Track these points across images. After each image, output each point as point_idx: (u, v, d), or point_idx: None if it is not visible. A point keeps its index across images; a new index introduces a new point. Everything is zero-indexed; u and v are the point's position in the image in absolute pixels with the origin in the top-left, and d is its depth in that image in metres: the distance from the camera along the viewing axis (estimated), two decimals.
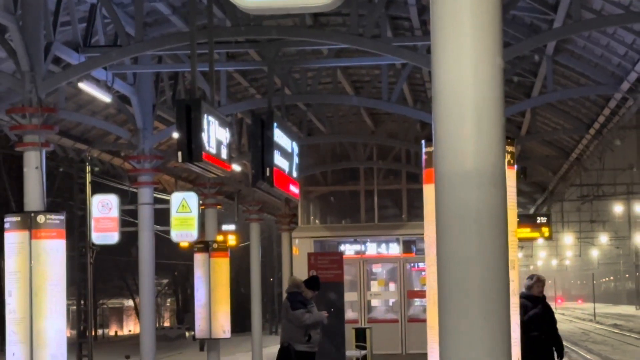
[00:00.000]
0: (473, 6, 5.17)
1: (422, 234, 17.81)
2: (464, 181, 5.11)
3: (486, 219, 5.10)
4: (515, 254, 10.38)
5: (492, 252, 5.08)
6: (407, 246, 34.76)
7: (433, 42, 5.32)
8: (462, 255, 5.10)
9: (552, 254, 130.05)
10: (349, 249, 34.62)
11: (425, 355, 20.54)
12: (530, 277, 17.47)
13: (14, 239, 14.96)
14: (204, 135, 14.31)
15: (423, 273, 28.68)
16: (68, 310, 33.31)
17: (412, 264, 33.43)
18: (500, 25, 5.27)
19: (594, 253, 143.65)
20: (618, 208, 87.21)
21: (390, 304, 33.85)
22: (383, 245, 36.17)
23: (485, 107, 5.15)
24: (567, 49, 22.31)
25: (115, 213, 25.51)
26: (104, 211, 25.69)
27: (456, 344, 5.07)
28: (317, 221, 37.85)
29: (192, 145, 14.11)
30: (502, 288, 5.09)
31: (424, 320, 23.41)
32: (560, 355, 17.39)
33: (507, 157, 10.52)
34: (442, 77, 5.21)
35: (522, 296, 17.12)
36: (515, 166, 10.99)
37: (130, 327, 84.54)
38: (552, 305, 17.74)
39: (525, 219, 41.90)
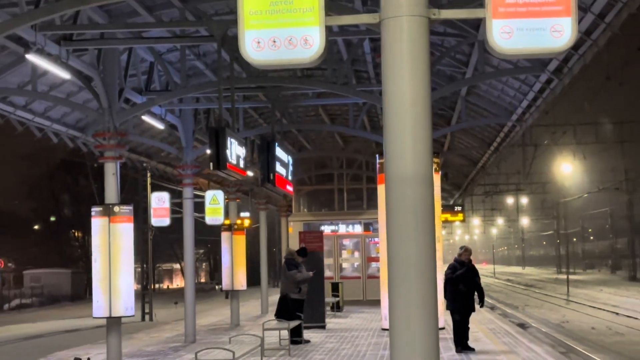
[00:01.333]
0: (411, 66, 5.17)
1: (377, 218, 17.27)
2: (404, 183, 5.12)
3: (420, 209, 5.11)
4: (440, 232, 10.37)
5: (424, 231, 5.08)
6: (367, 226, 34.87)
7: (384, 88, 5.33)
8: (403, 233, 5.11)
9: (465, 231, 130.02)
10: (327, 229, 34.62)
11: (378, 301, 20.56)
12: (461, 248, 17.48)
13: (98, 222, 15.08)
14: (228, 152, 14.34)
15: (377, 245, 28.73)
16: (135, 271, 33.32)
17: (370, 239, 33.46)
18: (428, 77, 5.27)
19: (494, 231, 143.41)
20: (510, 200, 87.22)
21: (355, 266, 33.87)
22: (350, 226, 36.22)
23: (418, 131, 5.16)
24: (475, 92, 22.34)
25: (167, 205, 25.53)
26: (159, 203, 25.72)
27: (399, 293, 5.07)
28: (305, 210, 38.00)
29: (219, 159, 14.13)
30: (430, 255, 5.09)
31: (378, 277, 23.57)
32: (481, 301, 17.39)
33: (434, 165, 10.53)
34: (390, 111, 5.22)
35: (455, 260, 17.23)
36: (440, 172, 10.92)
37: (178, 282, 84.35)
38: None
39: (447, 208, 42.14)
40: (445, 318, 19.00)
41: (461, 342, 17.08)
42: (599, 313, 37.48)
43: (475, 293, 17.12)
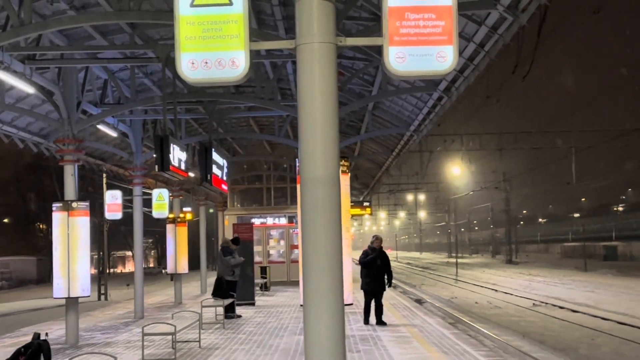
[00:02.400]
0: (321, 85, 5.18)
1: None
2: (315, 183, 5.13)
3: (328, 205, 5.12)
4: (349, 224, 10.39)
5: (332, 223, 5.10)
6: (290, 219, 34.91)
7: (299, 103, 5.33)
8: (315, 225, 5.12)
9: (373, 223, 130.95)
10: (257, 221, 34.56)
11: (299, 282, 20.48)
12: (374, 236, 17.51)
13: (58, 216, 14.87)
14: (171, 156, 14.25)
15: (298, 234, 28.84)
16: (92, 258, 32.75)
17: (293, 229, 33.45)
18: (336, 94, 5.29)
19: (397, 222, 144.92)
20: (409, 197, 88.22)
21: (281, 252, 33.83)
22: (276, 219, 36.24)
23: (327, 140, 5.17)
24: (379, 107, 22.51)
25: (119, 201, 25.12)
26: (113, 200, 25.26)
27: (311, 274, 5.08)
28: (238, 205, 37.77)
29: (164, 162, 14.02)
30: (337, 243, 5.10)
31: (298, 262, 23.57)
32: (389, 282, 17.39)
33: (344, 168, 10.59)
34: (303, 123, 5.23)
35: (368, 247, 17.30)
36: (350, 173, 10.94)
37: (130, 267, 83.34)
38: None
39: (357, 204, 42.39)
40: (357, 295, 19.12)
41: (377, 317, 17.08)
42: (482, 290, 38.14)
43: (386, 275, 17.24)
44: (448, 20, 5.18)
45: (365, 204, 44.49)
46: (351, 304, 16.49)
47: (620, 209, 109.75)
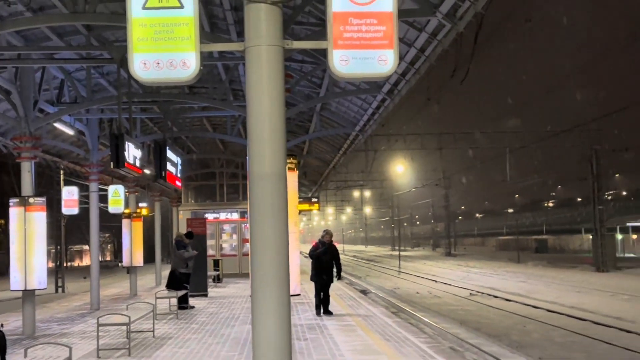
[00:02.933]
0: (268, 86, 5.16)
1: None
2: (263, 179, 5.11)
3: (275, 200, 5.11)
4: (297, 218, 10.35)
5: (278, 218, 5.08)
6: (242, 214, 34.71)
7: (247, 104, 5.30)
8: (262, 219, 5.10)
9: (321, 218, 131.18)
10: (210, 216, 34.35)
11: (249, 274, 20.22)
12: (324, 231, 17.46)
13: (15, 211, 14.57)
14: (126, 153, 14.09)
15: None
16: (50, 251, 32.21)
17: (245, 224, 33.28)
18: (282, 95, 5.27)
19: (344, 217, 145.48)
20: (356, 193, 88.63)
21: (233, 246, 33.62)
22: (229, 214, 36.04)
23: (275, 139, 5.15)
24: (327, 108, 22.55)
25: (76, 197, 24.77)
26: (69, 196, 24.92)
27: (258, 266, 5.06)
28: (192, 201, 37.50)
29: (119, 159, 13.86)
30: (284, 237, 5.09)
31: (249, 255, 23.11)
32: (339, 274, 17.42)
33: (292, 165, 10.57)
34: (252, 123, 5.20)
35: (318, 241, 17.26)
36: (298, 171, 10.92)
37: (87, 261, 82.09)
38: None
39: (306, 200, 42.34)
40: (305, 287, 19.14)
41: (323, 307, 17.01)
42: (423, 281, 38.52)
43: (335, 267, 17.23)
44: (389, 25, 5.20)
45: (314, 200, 44.53)
46: (298, 295, 16.47)
47: (551, 204, 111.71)
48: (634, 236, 76.29)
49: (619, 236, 71.92)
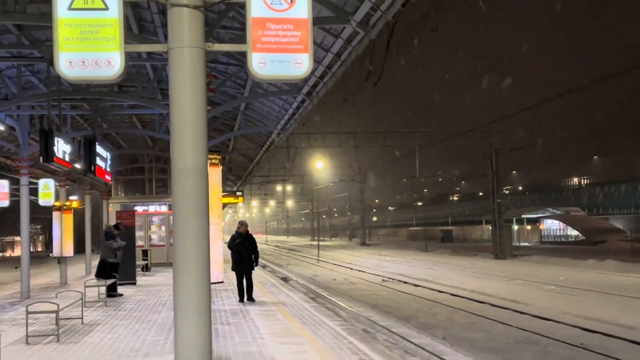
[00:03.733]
0: (191, 86, 5.08)
1: None
2: (185, 174, 5.04)
3: (197, 193, 5.05)
4: (220, 210, 10.23)
5: (200, 209, 5.02)
6: (170, 207, 34.05)
7: (171, 102, 5.22)
8: (184, 210, 5.03)
9: (246, 210, 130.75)
10: (139, 208, 33.70)
11: None
12: (239, 222, 17.37)
13: None
14: (55, 148, 13.70)
15: None
16: None
17: (172, 216, 32.80)
18: (204, 94, 5.20)
19: (267, 210, 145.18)
20: (278, 187, 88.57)
21: (161, 237, 33.12)
22: (157, 207, 35.42)
23: (196, 135, 5.08)
24: (251, 107, 22.44)
25: (6, 190, 23.87)
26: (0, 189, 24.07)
27: (180, 255, 4.99)
28: (122, 194, 36.68)
29: (48, 154, 13.46)
30: (204, 227, 5.03)
31: None
32: (256, 262, 17.17)
33: (216, 161, 10.45)
34: (175, 121, 5.12)
35: (235, 232, 17.15)
36: (222, 166, 10.78)
37: (18, 251, 79.63)
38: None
39: (231, 193, 42.00)
40: (228, 274, 18.96)
41: (247, 295, 16.86)
42: (339, 269, 38.76)
43: (253, 256, 17.13)
44: (304, 31, 5.20)
45: (238, 193, 44.24)
46: (221, 282, 16.15)
47: (455, 198, 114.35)
48: (528, 227, 78.76)
49: (515, 227, 74.10)
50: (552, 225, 75.43)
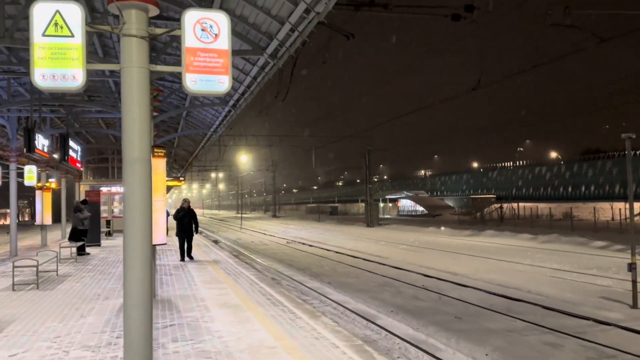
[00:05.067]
0: (138, 99, 4.89)
1: None
2: (133, 163, 4.85)
3: (142, 177, 4.86)
4: (164, 190, 9.90)
5: (144, 190, 4.85)
6: None
7: (122, 111, 4.99)
8: (133, 190, 4.84)
9: (189, 191, 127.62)
10: (104, 189, 32.14)
11: None
12: (183, 200, 16.62)
13: None
14: (36, 142, 12.88)
15: None
16: None
17: (123, 193, 31.47)
18: (149, 106, 5.01)
19: (204, 191, 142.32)
20: (213, 174, 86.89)
21: (121, 210, 31.49)
22: (119, 188, 33.86)
23: (142, 134, 4.90)
24: (191, 114, 21.84)
25: None
26: None
27: (129, 223, 4.81)
28: (91, 178, 34.94)
29: (30, 146, 12.65)
30: (147, 203, 4.86)
31: None
32: (196, 230, 16.51)
33: (161, 154, 10.08)
34: (126, 124, 4.91)
35: (180, 206, 16.47)
36: (166, 158, 10.44)
37: (9, 221, 74.80)
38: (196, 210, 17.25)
39: (176, 178, 40.62)
40: (174, 239, 18.45)
41: (187, 254, 16.30)
42: (256, 234, 38.56)
43: (194, 225, 16.59)
44: (225, 59, 5.09)
45: (181, 178, 42.97)
46: (165, 244, 15.56)
47: (340, 184, 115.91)
48: (390, 204, 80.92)
49: (381, 204, 75.91)
50: (406, 203, 77.76)
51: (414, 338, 8.65)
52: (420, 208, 71.77)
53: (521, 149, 70.27)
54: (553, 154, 67.42)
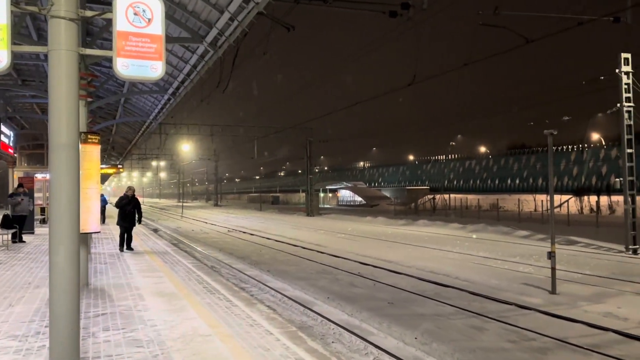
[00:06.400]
0: (66, 82, 4.63)
1: None
2: (60, 149, 4.59)
3: (70, 162, 4.62)
4: (99, 177, 9.50)
5: (71, 176, 4.61)
6: None
7: (50, 94, 4.72)
8: (59, 175, 4.59)
9: (129, 179, 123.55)
10: (40, 176, 30.52)
11: None
12: (128, 187, 15.76)
13: None
14: None
15: None
16: None
17: (50, 179, 30.07)
18: (76, 89, 4.75)
19: (145, 179, 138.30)
20: (154, 163, 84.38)
21: None
22: None
23: (70, 120, 4.64)
24: (129, 101, 21.09)
25: None
26: None
27: (56, 210, 4.56)
28: (25, 164, 33.09)
29: None
30: (75, 189, 4.62)
31: None
32: (139, 220, 15.63)
33: (96, 140, 9.65)
34: (53, 107, 4.64)
35: (124, 194, 15.51)
36: (101, 145, 9.99)
37: None
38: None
39: (114, 165, 39.30)
40: (112, 227, 17.82)
41: (126, 245, 15.50)
42: (197, 223, 37.87)
43: (136, 215, 15.93)
44: (159, 44, 4.90)
45: (120, 166, 41.60)
46: (98, 232, 15.01)
47: (282, 174, 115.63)
48: (330, 195, 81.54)
49: (322, 194, 76.40)
50: (345, 194, 78.62)
51: (348, 323, 8.74)
52: (358, 198, 72.74)
53: (453, 143, 72.43)
54: (482, 149, 69.90)
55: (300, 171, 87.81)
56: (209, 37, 10.34)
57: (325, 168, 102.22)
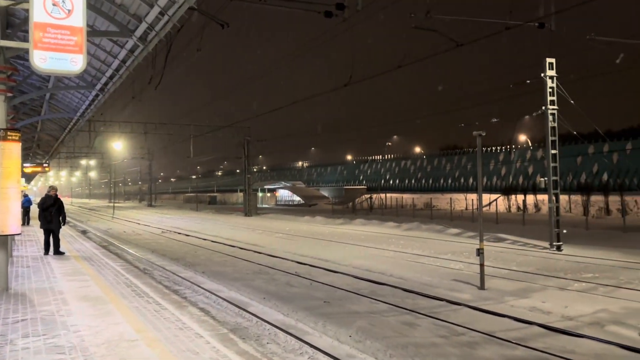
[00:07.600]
0: None
1: None
2: None
3: None
4: (19, 176, 8.97)
5: None
6: None
7: None
8: None
9: (57, 179, 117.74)
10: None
11: None
12: (49, 187, 14.75)
13: None
14: None
15: None
16: None
17: None
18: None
19: (73, 179, 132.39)
20: (83, 161, 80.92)
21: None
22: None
23: None
24: (55, 97, 20.09)
25: None
26: None
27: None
28: None
29: None
30: None
31: None
32: (64, 221, 14.53)
33: (16, 138, 9.11)
34: None
35: (46, 195, 14.46)
36: (22, 142, 9.45)
37: None
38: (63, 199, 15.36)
39: (39, 164, 37.34)
40: (36, 228, 16.89)
41: (54, 249, 14.36)
42: (129, 224, 36.67)
43: (60, 216, 15.04)
44: (80, 37, 4.68)
45: (45, 165, 39.55)
46: (19, 234, 13.98)
47: (220, 173, 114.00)
48: (268, 194, 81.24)
49: (260, 194, 75.95)
50: (284, 193, 78.54)
51: (283, 323, 8.71)
52: (297, 198, 72.87)
53: (389, 143, 73.95)
54: (417, 149, 71.81)
55: (238, 171, 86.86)
56: (138, 31, 10.01)
57: (264, 167, 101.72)
